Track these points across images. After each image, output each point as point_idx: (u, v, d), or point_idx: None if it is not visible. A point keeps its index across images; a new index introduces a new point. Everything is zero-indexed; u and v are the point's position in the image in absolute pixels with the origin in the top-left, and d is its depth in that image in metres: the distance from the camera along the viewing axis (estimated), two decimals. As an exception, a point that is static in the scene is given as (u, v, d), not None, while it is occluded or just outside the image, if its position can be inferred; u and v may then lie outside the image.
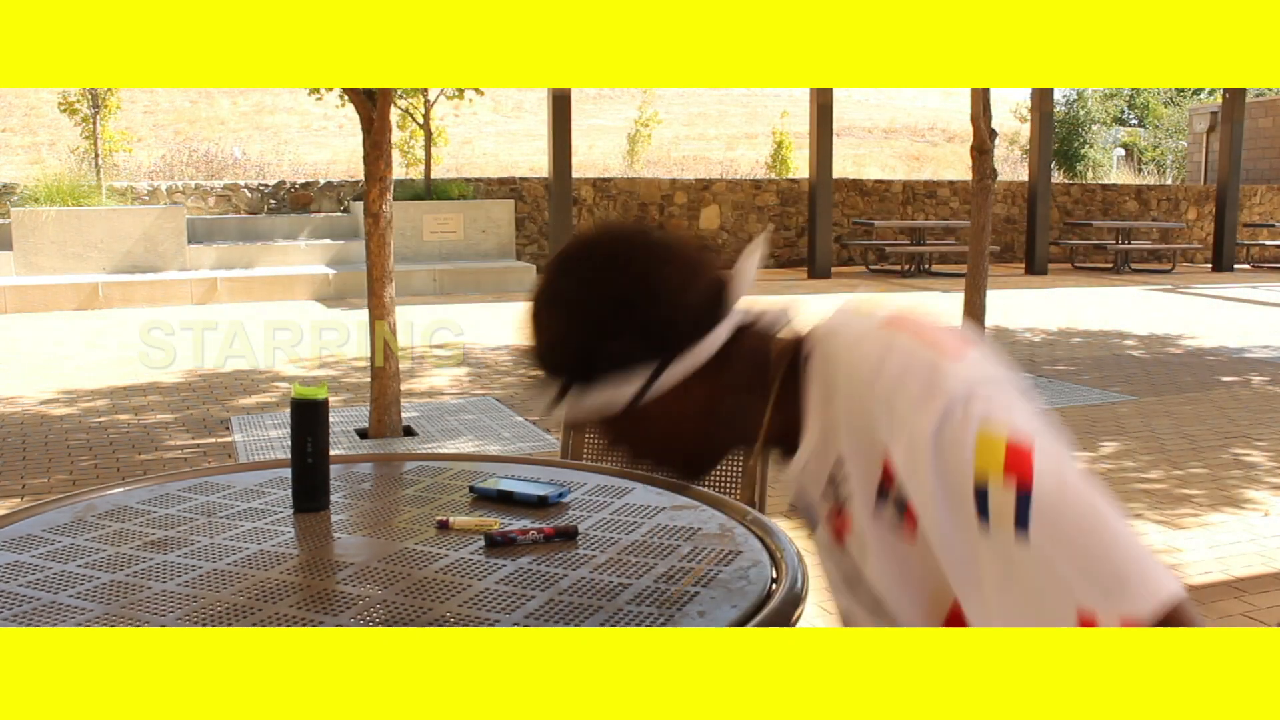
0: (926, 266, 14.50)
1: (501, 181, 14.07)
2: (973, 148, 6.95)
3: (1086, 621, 0.85)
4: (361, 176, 8.52)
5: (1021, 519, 0.87)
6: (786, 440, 1.11)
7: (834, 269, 14.35)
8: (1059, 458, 0.90)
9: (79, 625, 1.32)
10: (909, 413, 0.94)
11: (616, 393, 1.06)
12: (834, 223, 14.68)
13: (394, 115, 10.18)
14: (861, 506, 1.02)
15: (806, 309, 1.14)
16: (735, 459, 2.29)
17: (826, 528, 1.10)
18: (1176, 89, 29.33)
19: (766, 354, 1.10)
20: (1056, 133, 22.67)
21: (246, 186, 13.42)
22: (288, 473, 1.78)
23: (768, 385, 1.09)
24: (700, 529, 1.66)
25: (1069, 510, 0.87)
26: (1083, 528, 0.87)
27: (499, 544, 1.60)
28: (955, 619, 0.98)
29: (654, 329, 1.05)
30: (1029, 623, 0.88)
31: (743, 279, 1.11)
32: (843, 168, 18.64)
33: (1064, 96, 25.37)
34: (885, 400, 0.96)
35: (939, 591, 0.98)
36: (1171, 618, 0.85)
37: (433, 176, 13.12)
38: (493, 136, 22.08)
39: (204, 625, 1.32)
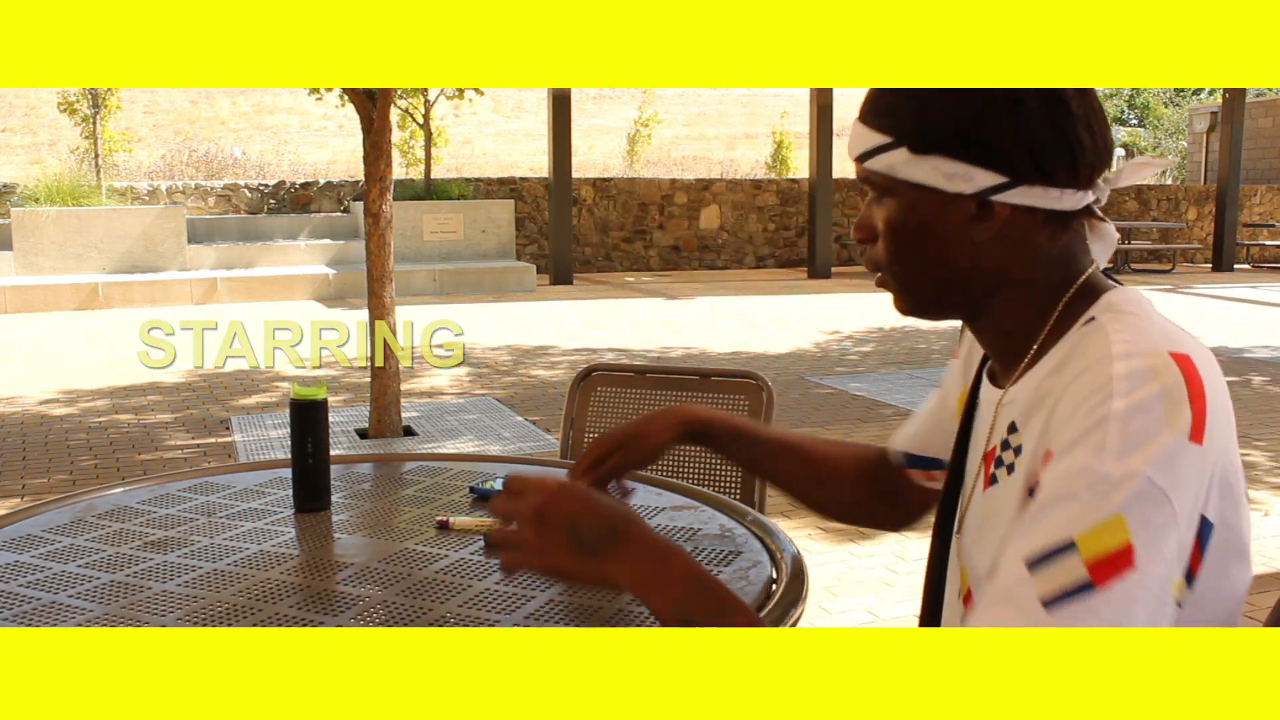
0: (926, 266, 14.50)
1: (501, 181, 14.07)
2: (973, 148, 6.94)
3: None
4: (361, 176, 8.53)
5: (1062, 599, 0.85)
6: (1004, 355, 1.06)
7: (834, 269, 14.35)
8: (1148, 600, 0.85)
9: (79, 625, 1.32)
10: (1101, 445, 0.87)
11: (945, 177, 0.99)
12: (834, 223, 14.68)
13: (394, 115, 10.18)
14: (1013, 478, 1.00)
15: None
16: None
17: (980, 466, 1.07)
18: (1176, 89, 29.32)
19: (1074, 274, 1.03)
20: (1056, 133, 22.58)
21: (246, 186, 13.43)
22: (288, 473, 1.78)
23: (1053, 300, 1.02)
24: (700, 529, 1.66)
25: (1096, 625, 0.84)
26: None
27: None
28: None
29: (1038, 146, 0.97)
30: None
31: (1118, 176, 1.04)
32: (843, 168, 18.63)
33: (1064, 96, 25.30)
34: (1093, 419, 0.89)
35: None
36: None
37: (433, 176, 13.13)
38: (493, 136, 22.07)
39: (204, 625, 1.32)
